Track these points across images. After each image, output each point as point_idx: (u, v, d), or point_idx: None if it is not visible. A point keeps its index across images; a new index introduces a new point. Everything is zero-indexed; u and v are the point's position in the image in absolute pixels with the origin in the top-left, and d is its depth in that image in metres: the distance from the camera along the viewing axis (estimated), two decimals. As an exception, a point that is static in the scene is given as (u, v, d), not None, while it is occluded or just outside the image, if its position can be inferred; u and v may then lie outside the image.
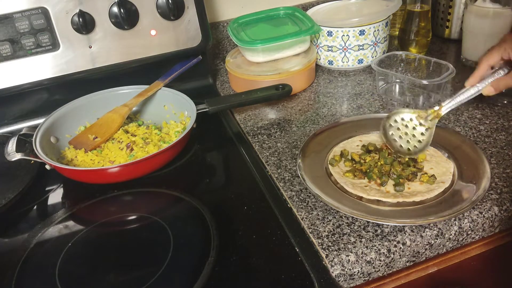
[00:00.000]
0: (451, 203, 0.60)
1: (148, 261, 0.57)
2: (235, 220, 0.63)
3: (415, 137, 0.70)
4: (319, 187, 0.64)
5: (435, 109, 0.69)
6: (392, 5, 0.99)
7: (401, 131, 0.71)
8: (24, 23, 0.80)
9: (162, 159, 0.73)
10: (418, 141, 0.70)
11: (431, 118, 0.69)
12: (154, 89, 0.86)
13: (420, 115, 0.70)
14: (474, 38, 0.95)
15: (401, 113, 0.72)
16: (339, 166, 0.70)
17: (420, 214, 0.59)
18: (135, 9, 0.85)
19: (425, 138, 0.69)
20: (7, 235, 0.66)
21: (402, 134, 0.71)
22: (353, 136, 0.76)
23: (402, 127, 0.71)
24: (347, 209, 0.60)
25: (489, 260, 0.69)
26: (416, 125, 0.70)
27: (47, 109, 0.84)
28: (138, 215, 0.67)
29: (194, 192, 0.70)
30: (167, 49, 0.91)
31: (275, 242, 0.58)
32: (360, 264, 0.55)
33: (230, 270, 0.55)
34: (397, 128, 0.72)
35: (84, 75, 0.87)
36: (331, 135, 0.77)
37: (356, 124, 0.79)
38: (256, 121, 0.87)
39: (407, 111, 0.71)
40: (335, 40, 0.97)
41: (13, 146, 0.71)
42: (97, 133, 0.80)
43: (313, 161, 0.70)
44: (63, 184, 0.75)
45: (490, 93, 0.68)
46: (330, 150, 0.73)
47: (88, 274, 0.57)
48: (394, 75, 0.89)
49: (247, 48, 0.95)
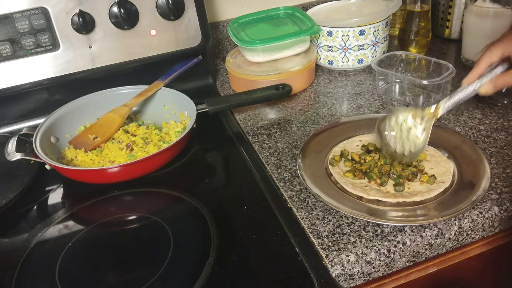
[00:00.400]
0: (451, 203, 0.60)
1: (148, 261, 0.57)
2: (235, 220, 0.63)
3: (409, 140, 0.67)
4: (319, 187, 0.64)
5: (431, 110, 0.66)
6: (392, 5, 0.99)
7: (395, 133, 0.67)
8: (24, 23, 0.80)
9: (162, 159, 0.73)
10: (414, 144, 0.66)
11: (427, 119, 0.66)
12: (154, 89, 0.86)
13: (417, 115, 0.67)
14: (474, 38, 0.95)
15: (396, 113, 0.68)
16: (339, 166, 0.70)
17: (420, 214, 0.59)
18: (135, 9, 0.85)
19: (420, 141, 0.66)
20: (7, 235, 0.66)
21: (397, 137, 0.67)
22: (353, 136, 0.76)
23: (397, 129, 0.67)
24: (347, 209, 0.60)
25: (489, 260, 0.69)
26: (411, 126, 0.67)
27: (47, 109, 0.84)
28: (138, 215, 0.67)
29: (194, 192, 0.70)
30: (167, 49, 0.91)
31: (275, 242, 0.58)
32: (360, 264, 0.55)
33: (230, 270, 0.55)
34: (391, 130, 0.68)
35: (84, 75, 0.87)
36: (331, 135, 0.77)
37: (356, 124, 0.79)
38: (256, 121, 0.87)
39: (402, 110, 0.68)
40: (335, 40, 0.97)
41: (13, 146, 0.71)
42: (97, 133, 0.80)
43: (313, 161, 0.70)
44: (63, 184, 0.75)
45: (488, 92, 0.64)
46: (330, 150, 0.73)
47: (88, 274, 0.57)
48: (394, 75, 0.89)
49: (247, 48, 0.95)
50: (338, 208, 0.60)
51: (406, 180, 0.66)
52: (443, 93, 0.87)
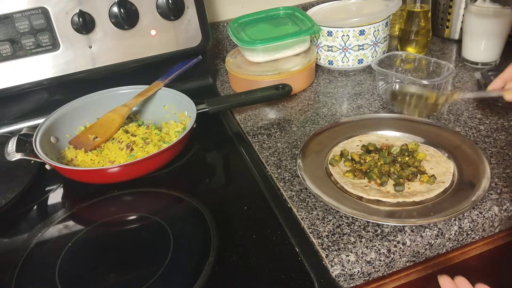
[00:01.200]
0: (451, 203, 0.60)
1: (148, 261, 0.57)
2: (235, 220, 0.63)
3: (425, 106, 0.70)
4: (319, 187, 0.64)
5: (448, 93, 0.69)
6: (392, 5, 0.99)
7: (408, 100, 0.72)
8: (24, 23, 0.80)
9: (162, 159, 0.73)
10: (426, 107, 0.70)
11: (442, 101, 0.70)
12: (154, 89, 0.86)
13: (431, 97, 0.70)
14: (474, 38, 0.95)
15: (410, 89, 0.73)
16: (339, 166, 0.70)
17: (420, 214, 0.59)
18: (135, 9, 0.86)
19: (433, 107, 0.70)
20: (7, 235, 0.66)
21: (410, 103, 0.71)
22: (353, 136, 0.76)
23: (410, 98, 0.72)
24: (347, 209, 0.60)
25: (489, 260, 0.69)
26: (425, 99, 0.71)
27: (47, 109, 0.84)
28: (138, 215, 0.67)
29: (194, 192, 0.70)
30: (167, 49, 0.91)
31: (275, 242, 0.58)
32: (360, 264, 0.55)
33: (230, 270, 0.55)
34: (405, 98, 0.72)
35: (84, 75, 0.87)
36: (331, 135, 0.77)
37: (356, 124, 0.79)
38: (256, 121, 0.87)
39: (417, 89, 0.71)
40: (335, 40, 0.97)
41: (13, 146, 0.71)
42: (97, 133, 0.80)
43: (313, 161, 0.71)
44: (63, 184, 0.75)
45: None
46: (330, 150, 0.73)
47: (88, 274, 0.57)
48: (394, 75, 0.89)
49: (247, 48, 0.95)
50: (338, 208, 0.60)
51: (406, 180, 0.66)
52: (443, 93, 0.87)
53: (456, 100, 0.69)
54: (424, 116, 0.73)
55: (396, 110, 0.75)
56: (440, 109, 0.71)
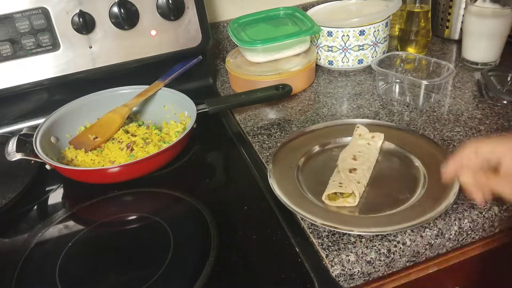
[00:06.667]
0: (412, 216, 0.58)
1: (148, 261, 0.57)
2: (235, 220, 0.63)
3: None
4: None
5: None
6: (392, 5, 0.99)
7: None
8: (24, 23, 0.80)
9: (162, 159, 0.73)
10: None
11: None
12: (154, 89, 0.86)
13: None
14: (474, 38, 0.95)
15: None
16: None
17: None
18: (135, 9, 0.86)
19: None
20: (7, 235, 0.66)
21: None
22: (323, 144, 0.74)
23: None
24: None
25: (489, 260, 0.69)
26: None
27: (47, 109, 0.84)
28: (138, 215, 0.67)
29: (194, 192, 0.70)
30: (167, 49, 0.91)
31: (275, 242, 0.58)
32: (360, 264, 0.55)
33: (230, 270, 0.55)
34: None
35: (84, 75, 0.87)
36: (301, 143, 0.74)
37: (327, 131, 0.77)
38: (256, 121, 0.87)
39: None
40: (335, 40, 0.97)
41: (13, 146, 0.71)
42: (97, 133, 0.80)
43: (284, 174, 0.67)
44: (63, 184, 0.75)
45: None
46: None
47: (88, 274, 0.57)
48: (394, 75, 0.89)
49: (247, 48, 0.95)
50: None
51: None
52: (443, 93, 0.87)
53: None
54: None
55: None
56: None
